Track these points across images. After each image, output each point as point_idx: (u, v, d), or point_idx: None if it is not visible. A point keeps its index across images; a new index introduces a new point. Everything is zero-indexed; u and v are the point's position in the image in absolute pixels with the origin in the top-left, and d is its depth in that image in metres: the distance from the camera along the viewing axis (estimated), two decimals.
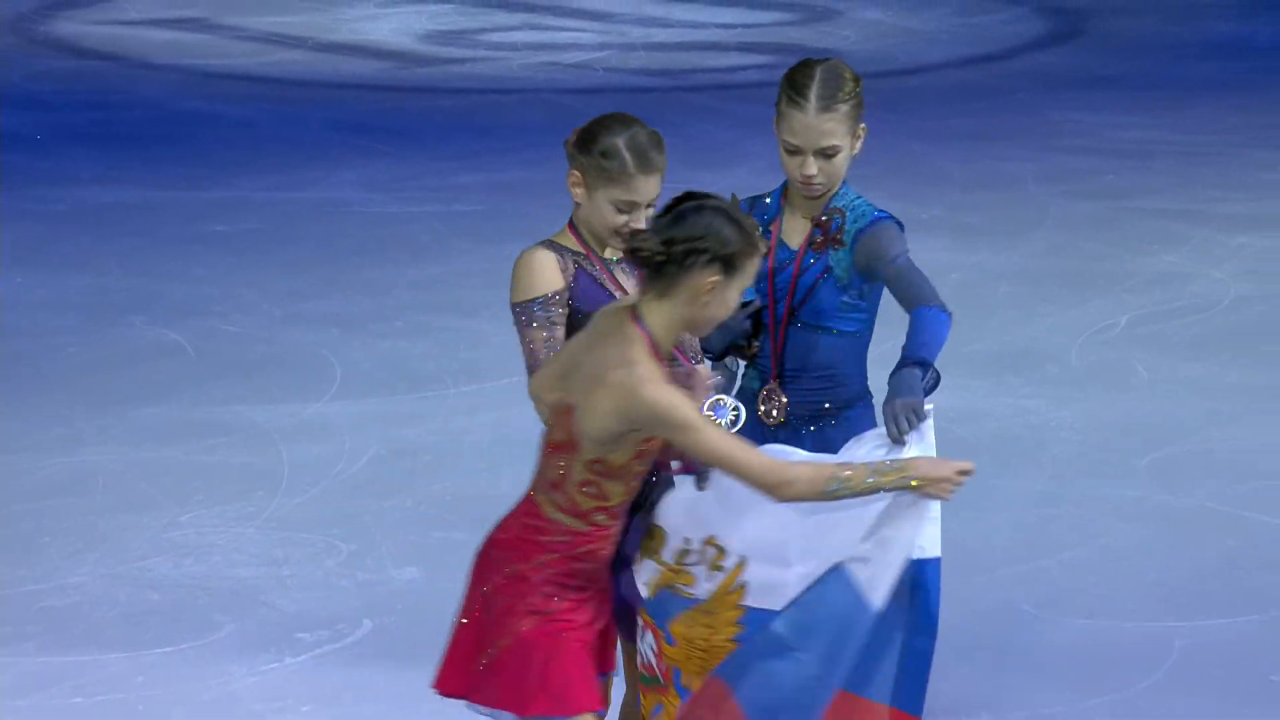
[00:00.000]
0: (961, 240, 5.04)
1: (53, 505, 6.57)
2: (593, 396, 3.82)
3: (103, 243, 9.38)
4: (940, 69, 12.99)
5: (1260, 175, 10.42)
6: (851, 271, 4.32)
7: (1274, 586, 5.98)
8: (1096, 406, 7.40)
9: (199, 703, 5.38)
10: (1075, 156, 10.80)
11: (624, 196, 4.13)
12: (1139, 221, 9.62)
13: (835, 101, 4.27)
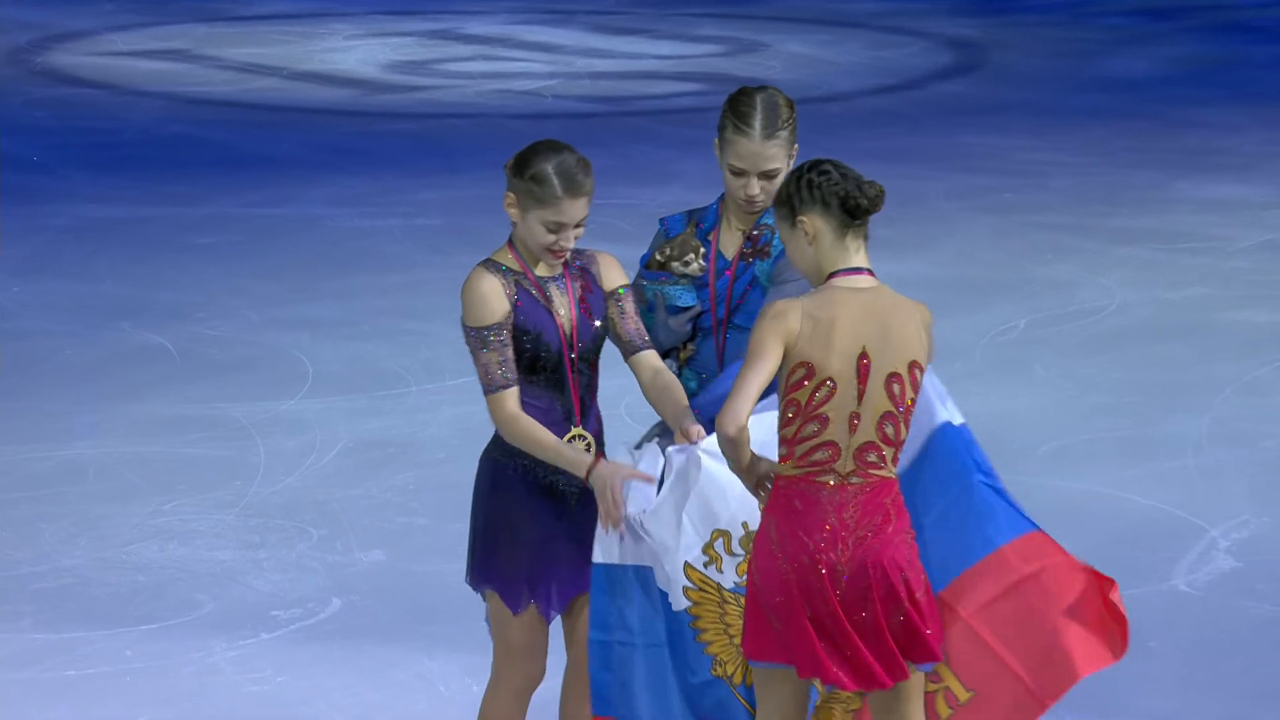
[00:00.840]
0: (877, 250, 5.04)
1: (48, 494, 6.53)
2: (919, 333, 3.83)
3: (95, 254, 9.35)
4: (856, 97, 13.04)
5: (1142, 193, 10.48)
6: (769, 276, 4.35)
7: (1154, 563, 6.00)
8: (999, 400, 7.42)
9: (182, 675, 5.35)
10: (977, 176, 10.85)
11: (553, 218, 4.10)
12: (1035, 234, 9.67)
13: (777, 129, 4.31)
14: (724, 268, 4.35)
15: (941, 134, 11.88)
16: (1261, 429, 7.11)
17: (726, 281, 4.34)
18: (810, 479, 3.78)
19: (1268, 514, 6.34)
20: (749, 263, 4.35)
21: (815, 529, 3.76)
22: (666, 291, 4.30)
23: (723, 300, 4.34)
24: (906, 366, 3.81)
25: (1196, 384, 7.56)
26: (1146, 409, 7.33)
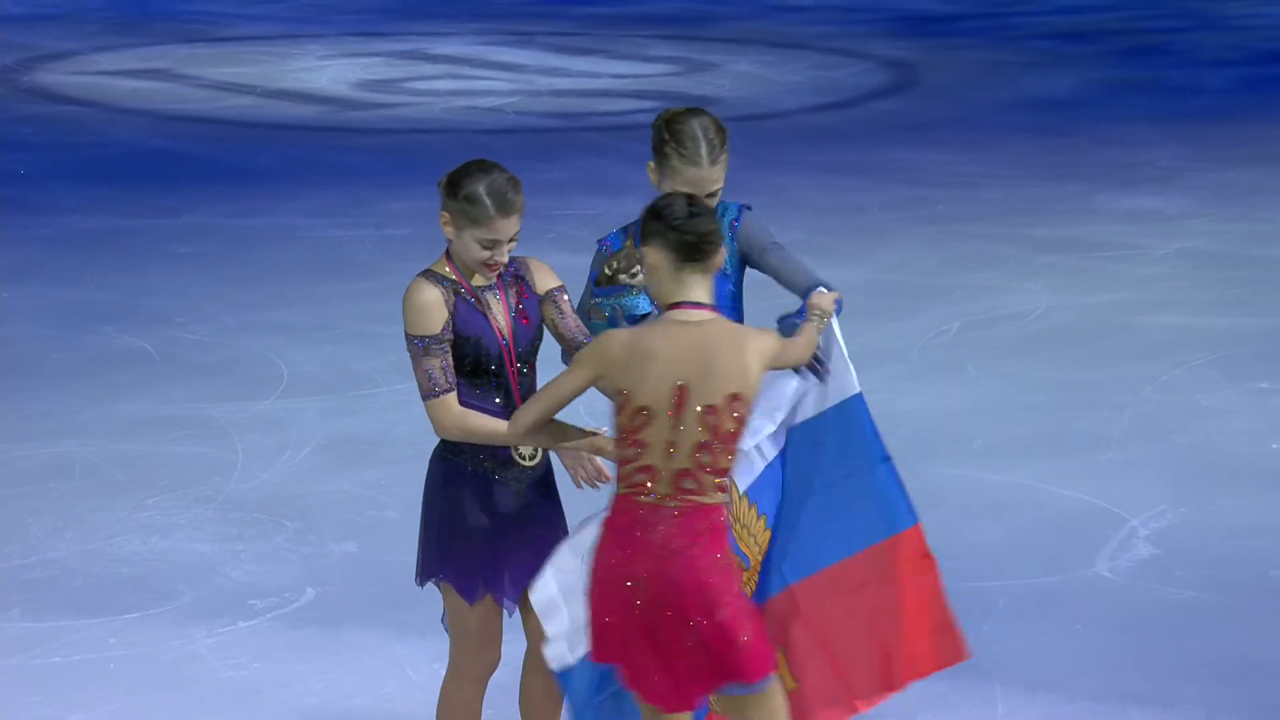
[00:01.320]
0: (819, 258, 5.03)
1: (35, 490, 6.49)
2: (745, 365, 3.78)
3: (80, 263, 9.30)
4: (799, 114, 13.07)
5: (1064, 204, 10.53)
6: (734, 261, 4.39)
7: (1077, 550, 6.03)
8: (933, 398, 7.44)
9: (164, 661, 5.33)
10: (912, 188, 10.88)
11: (487, 235, 4.08)
12: (965, 243, 9.70)
13: (718, 154, 4.34)
14: None
15: (879, 149, 11.91)
16: (1177, 425, 7.15)
17: None
18: (630, 498, 3.81)
19: (1184, 505, 6.37)
20: None
21: (625, 544, 3.79)
22: (624, 303, 4.29)
23: None
24: (725, 399, 3.79)
25: (1117, 383, 7.59)
26: (1070, 406, 7.36)
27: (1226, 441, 6.97)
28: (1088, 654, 5.37)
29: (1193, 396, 7.46)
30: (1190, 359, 7.88)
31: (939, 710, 5.07)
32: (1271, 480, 6.63)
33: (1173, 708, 5.06)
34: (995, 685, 5.21)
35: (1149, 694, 5.14)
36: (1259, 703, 5.09)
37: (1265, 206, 10.36)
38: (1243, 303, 8.66)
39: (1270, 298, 8.73)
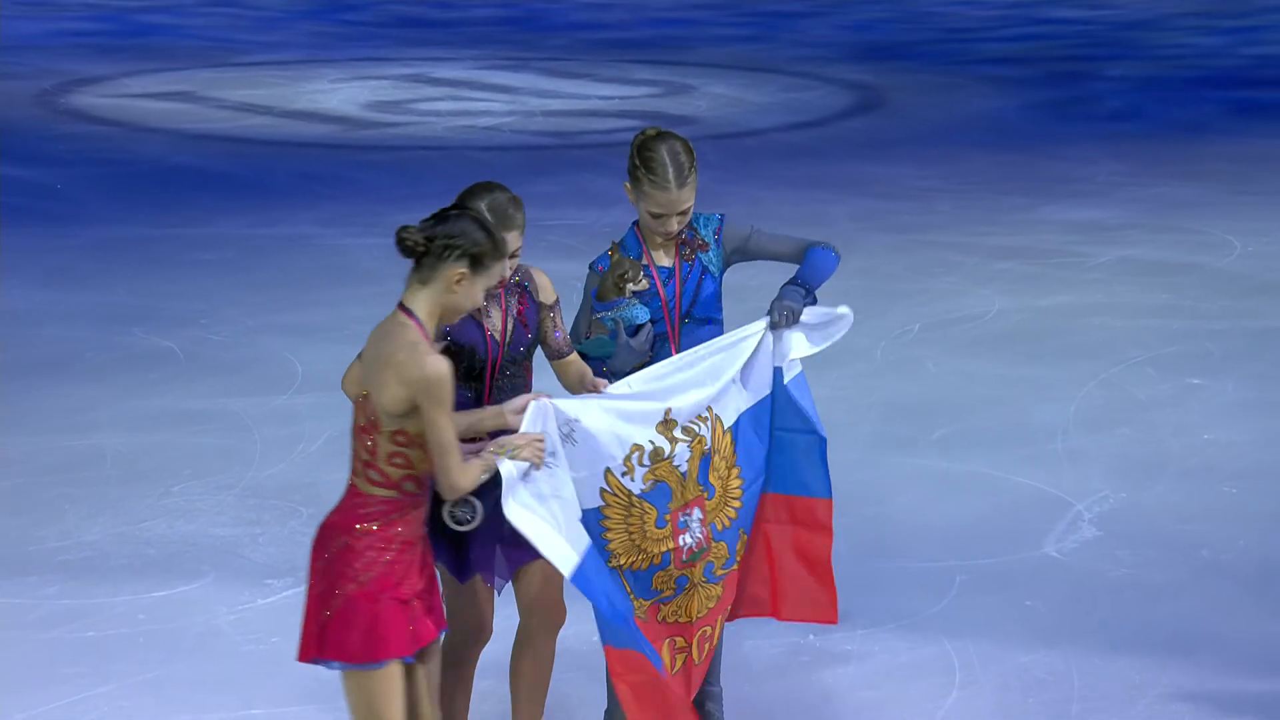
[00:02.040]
0: (791, 265, 5.03)
1: (71, 478, 6.47)
2: (383, 376, 3.70)
3: (111, 270, 9.28)
4: (772, 132, 13.08)
5: (1016, 215, 10.55)
6: (721, 262, 4.38)
7: (1029, 533, 6.03)
8: (895, 393, 7.44)
9: (188, 635, 5.31)
10: (877, 200, 10.89)
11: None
12: (925, 250, 9.71)
13: (685, 177, 4.28)
14: (667, 277, 4.34)
15: (845, 164, 11.93)
16: (1118, 418, 7.16)
17: (674, 286, 4.33)
18: None
19: (1124, 490, 6.38)
20: (693, 261, 4.35)
21: None
22: (624, 315, 4.28)
23: (673, 303, 4.33)
24: (367, 392, 3.78)
25: (1063, 379, 7.60)
26: (1021, 400, 7.36)
27: (1162, 433, 6.98)
28: (1037, 626, 5.37)
29: (1131, 392, 7.47)
30: (1129, 357, 7.90)
31: (901, 678, 5.07)
32: (1202, 468, 6.64)
33: (1114, 674, 5.07)
34: (953, 655, 5.21)
35: (1093, 662, 5.15)
36: (1192, 669, 5.10)
37: (1194, 218, 10.39)
38: (1175, 306, 8.68)
39: (1199, 302, 8.75)
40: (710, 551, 4.16)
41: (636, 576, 4.06)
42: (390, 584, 3.74)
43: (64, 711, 4.85)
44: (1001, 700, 4.94)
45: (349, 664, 3.73)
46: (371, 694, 3.73)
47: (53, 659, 5.13)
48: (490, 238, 3.78)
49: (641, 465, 4.03)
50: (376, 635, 3.71)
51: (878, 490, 6.41)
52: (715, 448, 4.15)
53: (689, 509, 4.10)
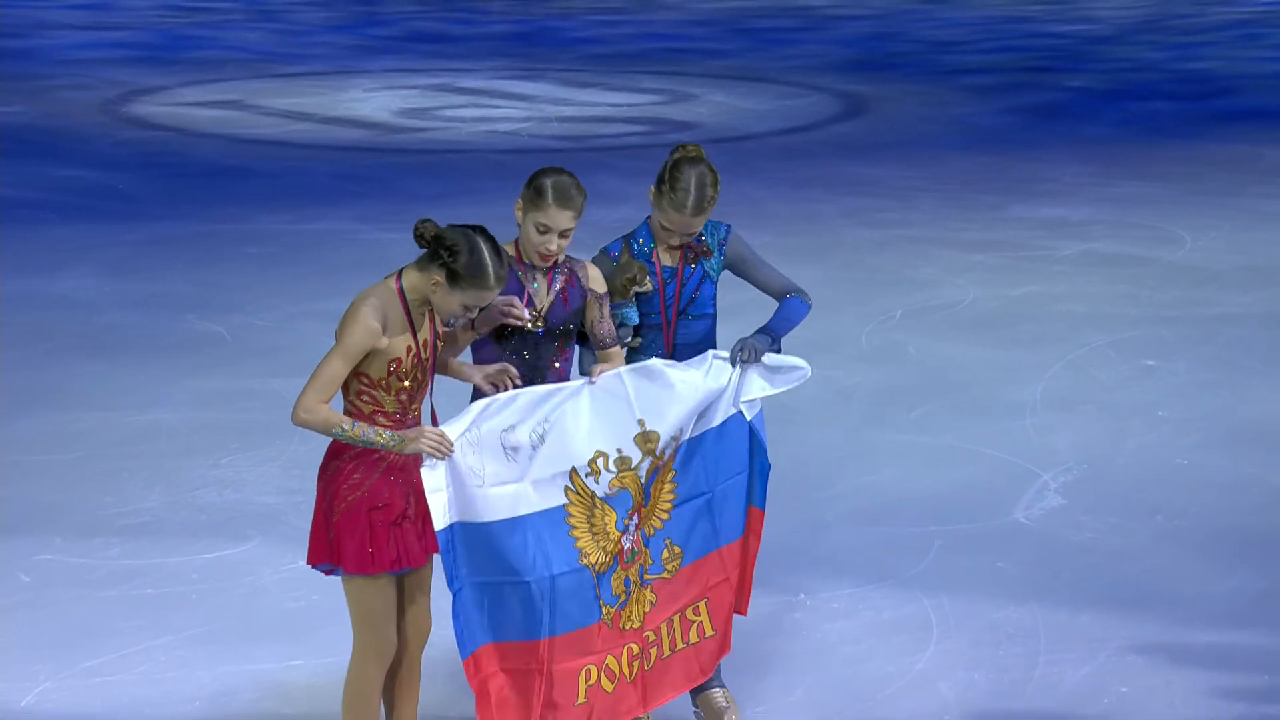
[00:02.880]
0: (785, 257, 5.01)
1: (130, 451, 6.47)
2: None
3: (166, 261, 9.27)
4: (768, 136, 13.05)
5: (989, 212, 10.52)
6: (720, 270, 4.36)
7: (1000, 501, 6.03)
8: (880, 375, 7.43)
9: (236, 593, 5.31)
10: (862, 199, 10.87)
11: (543, 220, 4.03)
12: (907, 245, 9.69)
13: (703, 207, 4.24)
14: (670, 276, 4.31)
15: (835, 166, 11.89)
16: (1081, 396, 7.15)
17: (675, 286, 4.31)
18: None
19: (1086, 463, 6.37)
20: (695, 264, 4.32)
21: None
22: (620, 313, 4.27)
23: (671, 300, 4.31)
24: None
25: (1031, 361, 7.59)
26: (993, 381, 7.35)
27: (1121, 410, 6.97)
28: (1007, 586, 5.36)
29: (1094, 372, 7.45)
30: (1091, 341, 7.88)
31: (884, 633, 5.07)
32: (1158, 442, 6.63)
33: (1077, 629, 5.06)
34: (930, 612, 5.20)
35: (1058, 618, 5.14)
36: (1148, 623, 5.10)
37: (1150, 215, 10.37)
38: (1133, 295, 8.66)
39: (1155, 291, 8.73)
40: (641, 555, 4.08)
41: (602, 580, 3.97)
42: (375, 503, 3.84)
43: (125, 661, 4.86)
44: (975, 653, 4.94)
45: (349, 571, 3.86)
46: (365, 598, 3.89)
47: (114, 614, 5.14)
48: (476, 269, 3.76)
49: (608, 470, 3.97)
50: (369, 550, 3.84)
51: (863, 463, 6.40)
52: (667, 464, 4.11)
53: (633, 515, 4.05)
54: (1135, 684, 4.76)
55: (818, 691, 4.70)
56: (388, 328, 3.81)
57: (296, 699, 4.66)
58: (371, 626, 3.91)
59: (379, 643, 3.93)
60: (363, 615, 3.91)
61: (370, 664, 3.94)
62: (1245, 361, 7.62)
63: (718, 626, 4.22)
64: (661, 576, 4.15)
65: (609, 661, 3.98)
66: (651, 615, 4.11)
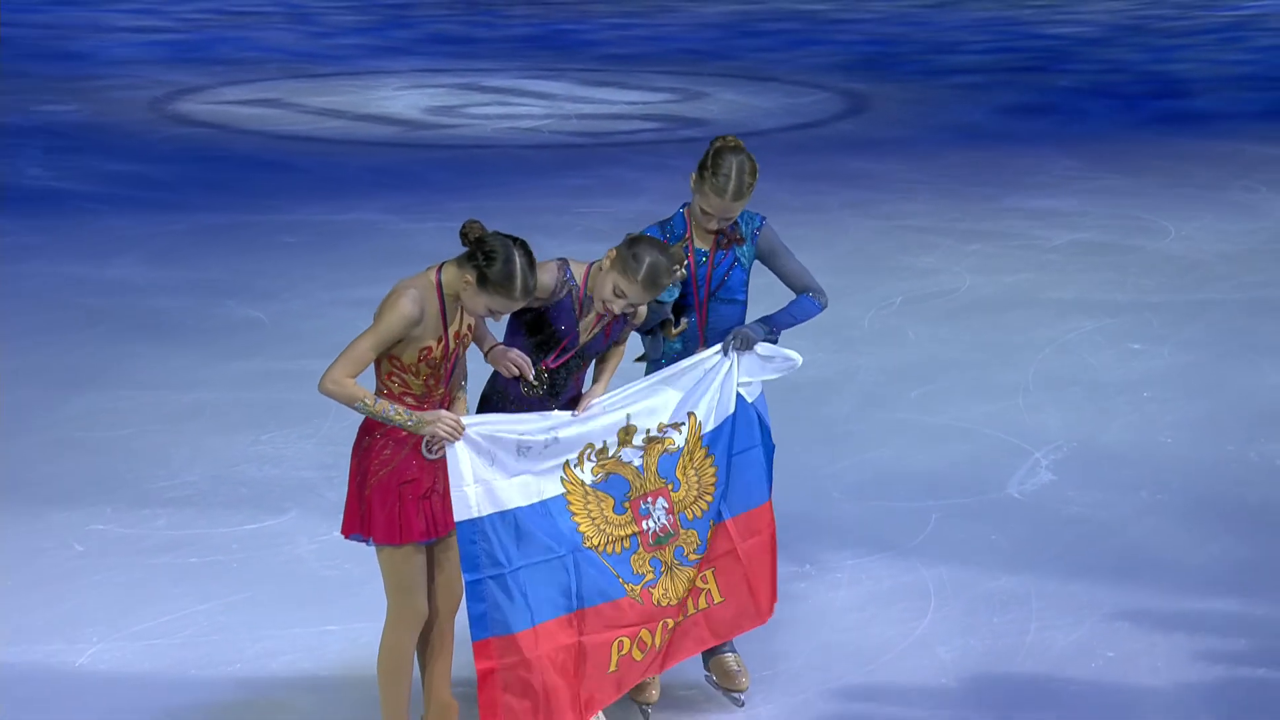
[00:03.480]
0: (791, 246, 5.01)
1: (176, 428, 6.47)
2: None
3: (208, 250, 9.26)
4: (775, 133, 12.99)
5: (983, 204, 10.47)
6: (752, 259, 4.33)
7: (994, 476, 6.01)
8: (881, 357, 7.40)
9: (275, 561, 5.32)
10: (865, 191, 10.82)
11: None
12: (907, 235, 9.65)
13: (743, 194, 4.21)
14: (702, 259, 4.28)
15: (838, 160, 11.84)
16: (1071, 377, 7.11)
17: (706, 269, 4.27)
18: None
19: (1076, 440, 6.35)
20: (728, 250, 4.29)
21: None
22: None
23: (704, 283, 4.28)
24: None
25: (1024, 344, 7.56)
26: (989, 363, 7.32)
27: (1108, 391, 6.93)
28: (1001, 558, 5.34)
29: (1083, 355, 7.42)
30: (1080, 326, 7.84)
31: (884, 601, 5.05)
32: (1143, 421, 6.60)
33: (1066, 596, 5.05)
34: (928, 581, 5.19)
35: (1048, 587, 5.12)
36: (1132, 591, 5.08)
37: (1135, 206, 10.31)
38: (1119, 282, 8.62)
39: (1140, 278, 8.69)
40: (679, 537, 4.10)
41: (617, 560, 4.00)
42: (405, 477, 3.83)
43: (171, 625, 4.87)
44: (970, 620, 4.92)
45: (379, 541, 3.86)
46: (396, 567, 3.88)
47: (161, 580, 5.15)
48: (505, 279, 3.76)
49: (589, 460, 4.01)
50: (398, 522, 3.83)
51: (865, 440, 6.38)
52: (688, 449, 4.12)
53: (649, 498, 4.06)
54: (1121, 648, 4.74)
55: (822, 655, 4.68)
56: (423, 318, 3.81)
57: (331, 661, 4.66)
58: (403, 594, 3.90)
59: (411, 610, 3.91)
60: (395, 583, 3.91)
61: (403, 630, 3.92)
62: (1226, 345, 7.58)
63: (725, 594, 4.20)
64: (705, 556, 4.17)
65: (642, 634, 3.99)
66: (694, 590, 4.13)
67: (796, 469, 5.80)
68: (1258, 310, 8.13)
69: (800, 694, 4.48)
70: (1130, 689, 4.52)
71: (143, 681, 4.53)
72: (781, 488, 4.48)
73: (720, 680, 4.39)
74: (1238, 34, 18.85)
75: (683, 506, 4.11)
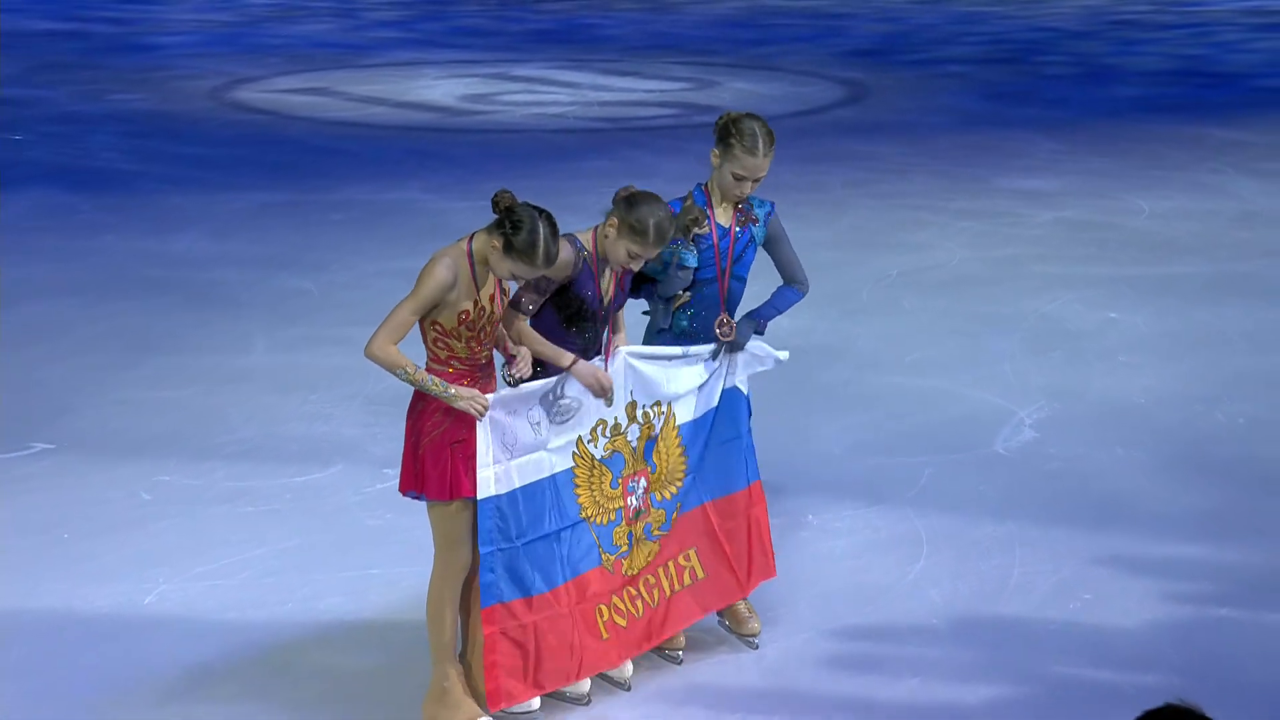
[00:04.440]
0: (796, 223, 4.94)
1: (233, 389, 6.46)
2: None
3: (263, 227, 9.23)
4: (781, 118, 12.87)
5: (973, 184, 10.38)
6: (762, 239, 4.28)
7: (982, 434, 5.97)
8: (879, 326, 7.36)
9: (323, 510, 5.32)
10: (864, 172, 10.73)
11: (637, 250, 3.91)
12: (903, 212, 9.57)
13: (769, 149, 4.16)
14: (723, 234, 4.22)
15: (839, 144, 11.75)
16: (1053, 344, 7.06)
17: (728, 243, 4.22)
18: None
19: (1057, 402, 6.30)
20: (745, 228, 4.24)
21: None
22: (681, 254, 4.19)
23: (725, 256, 4.22)
24: None
25: (1011, 314, 7.50)
26: (978, 331, 7.27)
27: (1087, 356, 6.88)
28: (988, 508, 5.31)
29: (1064, 323, 7.36)
30: (1062, 296, 7.78)
31: (880, 549, 5.03)
32: (1119, 383, 6.55)
33: (1048, 544, 5.02)
34: (921, 530, 5.16)
35: (1031, 535, 5.09)
36: (1108, 539, 5.04)
37: (1113, 187, 10.22)
38: (1097, 256, 8.55)
39: (1117, 252, 8.62)
40: (649, 514, 4.11)
41: (602, 531, 4.00)
42: (456, 438, 3.80)
43: (229, 568, 4.87)
44: (959, 565, 4.89)
45: (431, 498, 3.82)
46: (446, 522, 3.84)
47: (220, 528, 5.15)
48: (529, 246, 3.71)
49: (604, 436, 4.00)
50: (450, 479, 3.80)
51: (864, 402, 6.34)
52: (663, 436, 4.12)
53: (635, 478, 4.07)
54: (1098, 591, 4.71)
55: (824, 599, 4.67)
56: (457, 284, 3.78)
57: (374, 602, 4.66)
58: (451, 546, 3.89)
59: (457, 561, 3.90)
60: (443, 537, 3.88)
61: (449, 580, 3.92)
62: (1194, 313, 7.52)
63: (707, 571, 4.23)
64: (666, 534, 4.18)
65: (615, 600, 4.01)
66: (653, 562, 4.14)
67: (800, 428, 5.77)
68: (1223, 281, 8.06)
69: (803, 634, 4.47)
70: (1105, 629, 4.50)
71: (204, 618, 4.55)
72: (786, 446, 4.47)
73: (734, 627, 4.37)
74: (1208, 29, 18.67)
75: (655, 488, 4.13)
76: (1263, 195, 9.99)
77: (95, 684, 4.19)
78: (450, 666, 3.89)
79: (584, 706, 4.04)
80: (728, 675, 4.24)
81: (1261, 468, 5.64)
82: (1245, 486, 5.48)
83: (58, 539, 5.06)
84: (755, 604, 4.47)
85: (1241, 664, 4.29)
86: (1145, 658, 4.34)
